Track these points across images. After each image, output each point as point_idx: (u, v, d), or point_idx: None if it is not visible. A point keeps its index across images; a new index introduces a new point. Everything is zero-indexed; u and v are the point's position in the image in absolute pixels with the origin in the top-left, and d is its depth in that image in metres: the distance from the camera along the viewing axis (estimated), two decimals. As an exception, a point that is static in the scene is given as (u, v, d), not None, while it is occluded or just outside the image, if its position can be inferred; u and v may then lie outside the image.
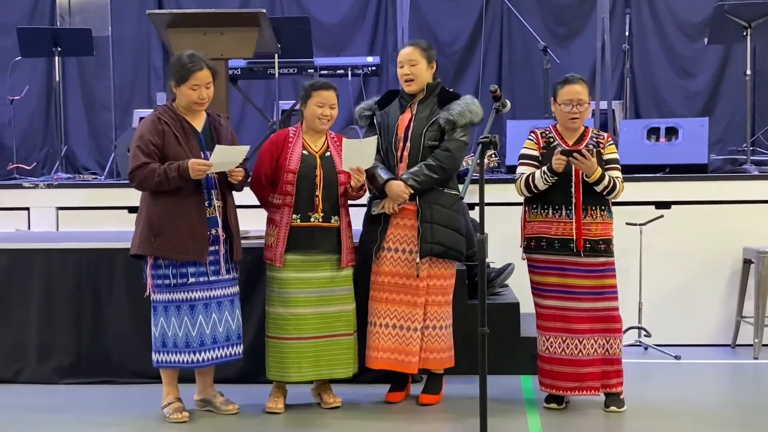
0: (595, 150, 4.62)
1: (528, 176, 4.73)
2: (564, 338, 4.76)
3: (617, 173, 4.76)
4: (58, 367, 5.50)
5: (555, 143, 4.78)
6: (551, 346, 4.78)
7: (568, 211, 4.71)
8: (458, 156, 4.91)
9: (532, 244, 4.80)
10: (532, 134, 4.87)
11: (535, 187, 4.71)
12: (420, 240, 4.82)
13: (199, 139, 4.69)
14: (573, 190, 4.70)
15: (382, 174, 4.85)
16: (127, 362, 5.45)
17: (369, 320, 4.96)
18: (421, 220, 4.84)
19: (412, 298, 4.87)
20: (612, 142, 4.87)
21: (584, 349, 4.74)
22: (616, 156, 4.81)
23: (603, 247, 4.73)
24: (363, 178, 4.77)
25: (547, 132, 4.86)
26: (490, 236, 5.28)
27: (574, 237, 4.70)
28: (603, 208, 4.76)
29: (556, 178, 4.66)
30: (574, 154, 4.57)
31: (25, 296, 5.53)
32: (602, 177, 4.65)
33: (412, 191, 4.81)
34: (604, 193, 4.70)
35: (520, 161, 4.84)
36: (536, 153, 4.80)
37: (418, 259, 4.83)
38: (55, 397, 5.25)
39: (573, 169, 4.67)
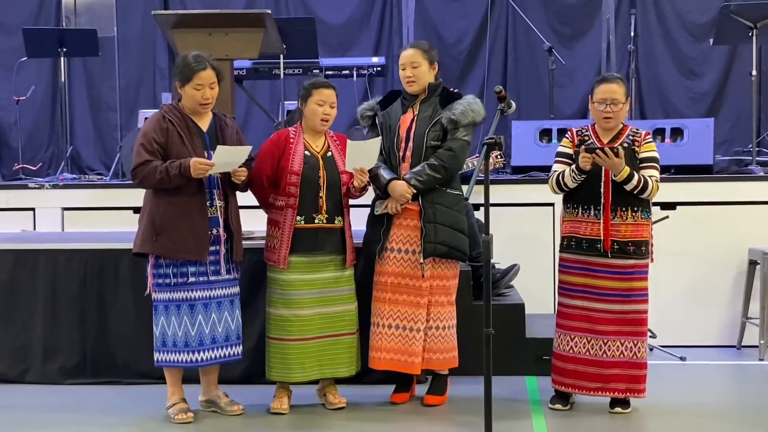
0: (625, 149, 4.56)
1: (559, 174, 4.72)
2: (588, 338, 4.73)
3: (652, 172, 4.66)
4: (63, 367, 5.51)
5: (588, 141, 4.76)
6: (575, 346, 4.75)
7: (597, 211, 4.68)
8: (461, 155, 4.89)
9: (564, 244, 4.79)
10: (568, 132, 4.86)
11: (565, 185, 4.70)
12: (423, 240, 4.82)
13: (203, 138, 4.70)
14: (602, 189, 4.67)
15: (385, 174, 4.85)
16: (132, 363, 5.45)
17: (372, 321, 4.95)
18: (424, 220, 4.83)
19: (415, 298, 4.86)
20: (650, 139, 4.76)
21: (608, 350, 4.71)
22: (653, 154, 4.71)
23: (632, 248, 4.66)
24: (366, 179, 4.77)
25: (583, 130, 4.83)
26: (495, 237, 5.29)
27: (602, 237, 4.68)
28: (636, 208, 4.67)
29: (584, 176, 4.63)
30: (597, 151, 4.54)
31: (31, 297, 5.54)
32: (630, 176, 4.57)
33: (415, 191, 4.81)
34: (635, 192, 4.62)
35: (555, 159, 4.83)
36: (570, 151, 4.79)
37: (421, 260, 4.83)
38: (60, 397, 5.25)
39: (603, 168, 4.63)
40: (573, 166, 4.65)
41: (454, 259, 4.93)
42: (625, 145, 4.66)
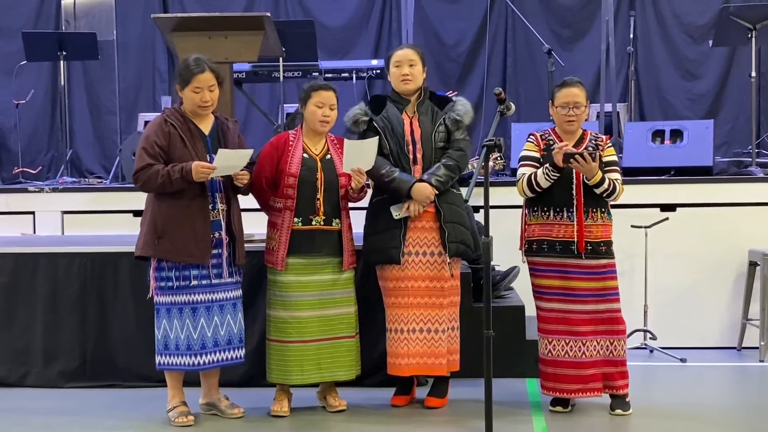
0: (597, 153, 4.62)
1: (530, 175, 4.74)
2: (567, 341, 4.75)
3: (616, 175, 4.77)
4: (63, 370, 5.51)
5: (555, 145, 4.78)
6: (554, 349, 4.78)
7: (570, 214, 4.72)
8: (468, 155, 4.99)
9: (533, 247, 4.80)
10: (531, 137, 4.89)
11: (538, 185, 4.71)
12: (447, 240, 4.83)
13: (205, 141, 4.70)
14: (574, 192, 4.71)
15: (404, 178, 4.83)
16: (132, 366, 5.45)
17: (390, 327, 4.91)
18: (444, 220, 4.85)
19: (437, 300, 4.87)
20: (611, 144, 4.88)
21: (587, 351, 4.74)
22: (615, 158, 4.83)
23: (604, 249, 4.74)
24: (364, 180, 4.77)
25: (546, 135, 4.87)
26: (495, 239, 5.28)
27: (576, 239, 4.70)
28: (603, 210, 4.77)
29: (558, 174, 4.66)
30: (575, 156, 4.57)
31: (31, 300, 5.54)
32: (602, 180, 4.66)
33: (437, 192, 4.82)
34: (604, 195, 4.71)
35: (521, 163, 4.85)
36: (537, 155, 4.81)
37: (448, 259, 4.84)
38: (60, 400, 5.25)
39: (574, 171, 4.68)
40: (547, 165, 4.67)
41: (469, 257, 5.01)
42: (590, 148, 4.71)
